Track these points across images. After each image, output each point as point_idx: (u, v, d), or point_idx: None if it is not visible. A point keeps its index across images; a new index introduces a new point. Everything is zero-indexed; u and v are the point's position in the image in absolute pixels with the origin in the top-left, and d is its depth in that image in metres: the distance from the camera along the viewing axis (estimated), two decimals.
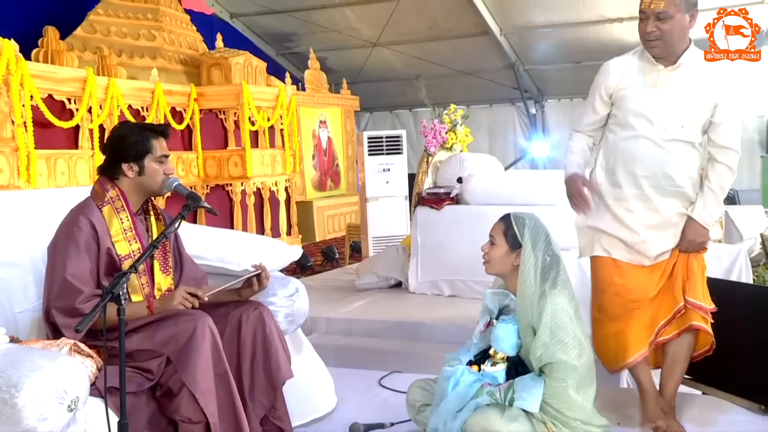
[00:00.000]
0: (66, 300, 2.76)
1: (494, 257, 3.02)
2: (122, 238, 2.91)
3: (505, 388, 2.87)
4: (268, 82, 10.71)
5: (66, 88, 7.81)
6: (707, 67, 3.19)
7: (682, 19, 3.03)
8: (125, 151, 2.93)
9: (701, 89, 3.11)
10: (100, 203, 2.91)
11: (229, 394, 2.82)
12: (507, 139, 15.10)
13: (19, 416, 2.21)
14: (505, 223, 3.04)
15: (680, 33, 3.06)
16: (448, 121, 6.64)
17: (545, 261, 2.93)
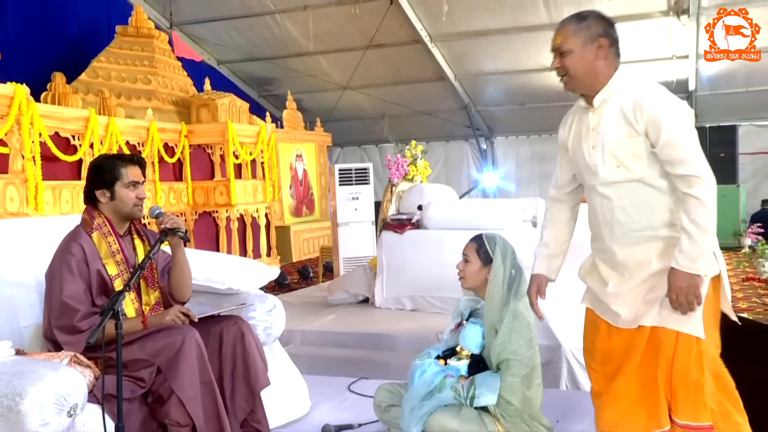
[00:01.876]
0: (65, 319, 2.73)
1: (469, 273, 3.08)
2: (111, 259, 2.89)
3: (467, 384, 2.91)
4: (250, 121, 10.70)
5: (71, 126, 7.74)
6: (634, 93, 2.36)
7: (583, 52, 2.40)
8: (98, 178, 2.92)
9: (628, 118, 2.35)
10: (89, 230, 2.90)
11: (213, 400, 2.79)
12: (461, 171, 15.20)
13: (23, 422, 2.17)
14: (477, 242, 3.11)
15: (585, 67, 2.41)
16: (409, 156, 6.68)
17: (511, 273, 3.01)
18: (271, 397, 3.21)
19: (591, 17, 2.44)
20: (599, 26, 2.42)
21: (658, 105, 2.32)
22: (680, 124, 2.32)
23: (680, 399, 2.29)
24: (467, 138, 14.95)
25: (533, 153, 14.65)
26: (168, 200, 9.34)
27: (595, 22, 2.42)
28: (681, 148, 2.30)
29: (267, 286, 4.76)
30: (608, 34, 2.42)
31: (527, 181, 14.62)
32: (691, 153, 2.31)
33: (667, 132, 2.30)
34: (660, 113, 2.31)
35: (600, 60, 2.41)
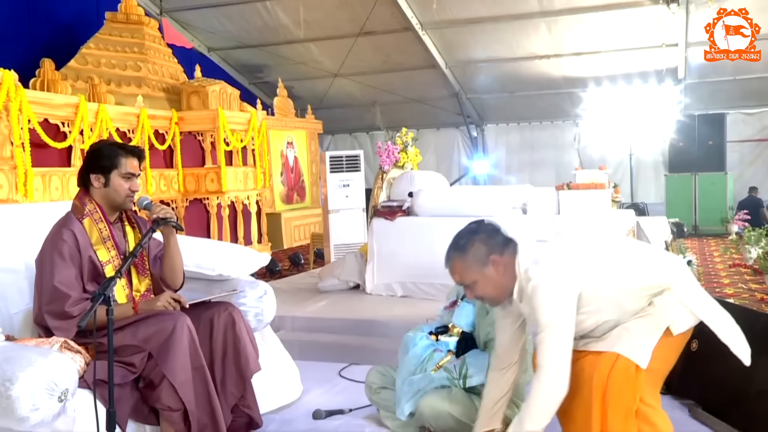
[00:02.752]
0: (56, 305, 2.72)
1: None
2: (102, 246, 2.88)
3: (459, 364, 2.94)
4: (241, 108, 10.64)
5: (60, 113, 7.68)
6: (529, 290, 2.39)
7: (485, 276, 2.42)
8: (96, 163, 2.91)
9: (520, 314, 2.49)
10: (80, 216, 2.88)
11: (204, 385, 2.79)
12: (452, 159, 15.19)
13: (14, 407, 2.17)
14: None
15: (494, 285, 2.44)
16: (400, 143, 6.67)
17: None
18: (262, 382, 3.22)
19: (470, 242, 2.44)
20: (482, 246, 2.43)
21: (539, 302, 2.34)
22: (552, 326, 2.33)
23: (611, 422, 2.35)
24: (458, 125, 14.94)
25: (523, 140, 14.66)
26: (159, 187, 9.29)
27: (476, 245, 2.43)
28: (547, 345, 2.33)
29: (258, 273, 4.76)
30: (494, 246, 2.43)
31: (517, 168, 14.63)
32: (554, 345, 2.32)
33: (542, 328, 2.34)
34: (540, 309, 2.34)
35: (502, 275, 2.43)
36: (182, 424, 2.73)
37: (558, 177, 12.14)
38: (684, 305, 2.38)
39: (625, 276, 2.42)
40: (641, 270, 2.45)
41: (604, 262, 2.46)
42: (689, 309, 2.39)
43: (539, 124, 14.45)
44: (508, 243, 2.46)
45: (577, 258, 2.45)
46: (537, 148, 14.41)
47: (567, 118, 13.69)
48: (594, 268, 2.43)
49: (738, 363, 2.41)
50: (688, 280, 2.46)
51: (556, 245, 2.53)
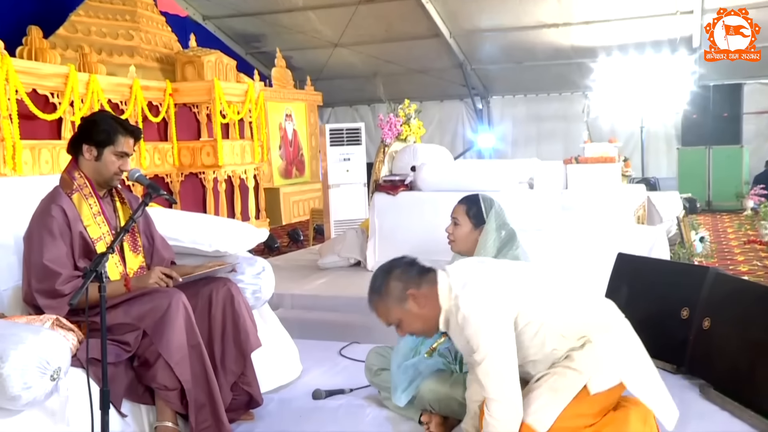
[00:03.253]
0: (46, 283, 2.71)
1: (459, 236, 3.08)
2: (93, 221, 2.87)
3: (453, 347, 2.94)
4: (237, 79, 10.59)
5: (49, 84, 7.64)
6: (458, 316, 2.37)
7: (407, 311, 2.41)
8: (90, 134, 2.88)
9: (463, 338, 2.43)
10: (69, 191, 2.87)
11: (201, 363, 2.80)
12: (456, 132, 15.14)
13: (5, 385, 2.18)
14: (466, 204, 3.10)
15: (419, 319, 2.42)
16: (402, 115, 6.64)
17: (501, 235, 3.00)
18: (261, 361, 3.23)
19: (385, 281, 2.41)
20: (398, 283, 2.40)
21: (473, 332, 2.30)
22: (491, 355, 2.29)
23: None
24: (462, 97, 14.86)
25: (530, 113, 14.59)
26: (153, 161, 9.28)
27: (392, 283, 2.40)
28: (489, 378, 2.31)
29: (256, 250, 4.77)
30: (410, 280, 2.40)
31: (524, 142, 14.59)
32: (497, 378, 2.30)
33: (480, 359, 2.31)
34: (475, 340, 2.30)
35: (424, 307, 2.39)
36: (179, 403, 2.74)
37: (566, 151, 12.09)
38: (606, 362, 2.32)
39: (554, 311, 2.37)
40: (570, 309, 2.40)
41: (537, 290, 2.41)
42: (612, 366, 2.33)
43: (547, 95, 14.36)
44: (425, 274, 2.42)
45: (510, 280, 2.40)
46: (544, 120, 14.35)
47: (576, 89, 13.60)
48: (527, 293, 2.38)
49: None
50: (617, 333, 2.39)
51: (489, 266, 2.47)
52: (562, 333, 2.36)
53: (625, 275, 3.86)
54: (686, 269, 4.03)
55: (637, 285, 3.74)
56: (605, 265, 4.02)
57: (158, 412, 2.78)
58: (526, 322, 2.34)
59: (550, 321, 2.36)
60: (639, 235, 4.92)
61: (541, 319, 2.35)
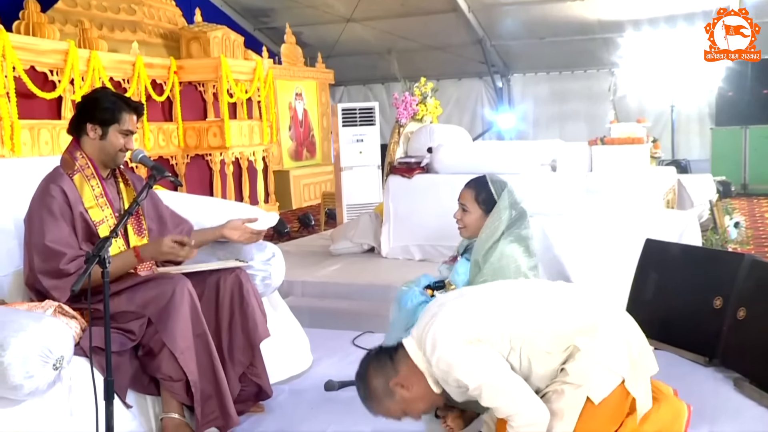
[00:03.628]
0: (50, 264, 2.73)
1: (469, 222, 3.11)
2: (95, 204, 2.88)
3: None
4: (245, 56, 10.58)
5: (48, 60, 7.65)
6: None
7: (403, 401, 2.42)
8: (93, 113, 2.88)
9: None
10: (70, 172, 2.88)
11: (208, 353, 2.82)
12: (475, 112, 15.08)
13: (6, 374, 2.20)
14: (475, 189, 3.11)
15: (417, 400, 2.43)
16: (418, 94, 6.61)
17: (512, 215, 3.04)
18: (270, 351, 3.24)
19: (366, 386, 2.43)
20: (379, 382, 2.40)
21: (456, 371, 2.29)
22: (485, 382, 2.28)
23: None
24: (481, 75, 14.78)
25: (553, 91, 14.49)
26: (157, 142, 9.30)
27: (374, 384, 2.41)
28: (497, 401, 2.31)
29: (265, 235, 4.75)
30: (387, 371, 2.39)
31: (546, 122, 14.50)
32: (504, 402, 2.29)
33: (477, 392, 2.30)
34: (462, 377, 2.29)
35: (414, 387, 2.38)
36: (185, 395, 2.76)
37: (591, 131, 11.99)
38: (601, 366, 2.29)
39: (530, 332, 2.34)
40: (547, 323, 2.37)
41: (507, 316, 2.38)
42: (608, 368, 2.30)
43: (571, 73, 14.25)
44: (396, 354, 2.42)
45: (476, 313, 2.38)
46: (568, 99, 14.25)
47: (602, 66, 13.49)
48: (496, 322, 2.36)
49: None
50: (604, 332, 2.35)
51: (449, 306, 2.43)
52: (545, 350, 2.34)
53: (653, 263, 3.84)
54: (720, 256, 4.00)
55: (667, 273, 3.71)
56: (632, 252, 4.00)
57: (164, 404, 2.81)
58: (508, 351, 2.33)
59: (528, 343, 2.33)
60: (669, 220, 4.89)
61: (518, 345, 2.33)
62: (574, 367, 2.30)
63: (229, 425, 2.86)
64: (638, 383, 2.35)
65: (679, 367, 3.41)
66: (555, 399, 2.31)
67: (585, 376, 2.28)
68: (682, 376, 3.24)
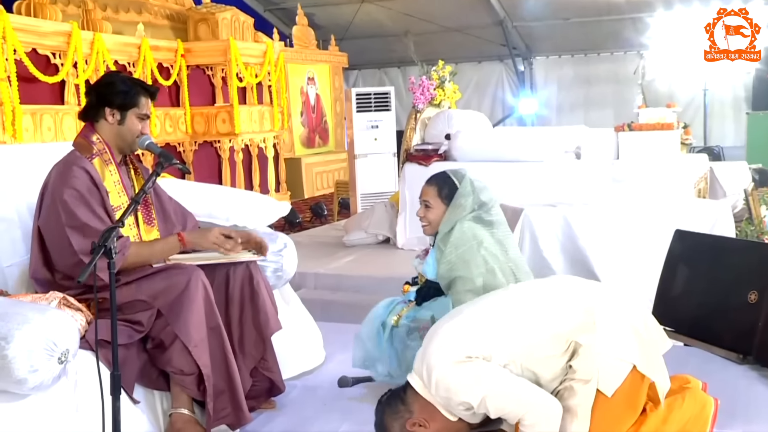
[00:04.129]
0: (90, 240, 2.62)
1: (433, 218, 3.15)
2: (113, 189, 2.90)
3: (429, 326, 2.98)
4: (255, 38, 10.59)
5: (50, 42, 7.69)
6: None
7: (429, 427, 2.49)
8: (111, 97, 2.90)
9: None
10: (89, 155, 2.88)
11: (221, 346, 2.84)
12: (495, 96, 15.05)
13: (10, 368, 2.22)
14: (437, 185, 3.16)
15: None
16: (436, 78, 6.61)
17: (475, 202, 3.07)
18: (282, 346, 3.26)
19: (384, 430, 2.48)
20: (395, 426, 2.45)
21: (461, 394, 2.32)
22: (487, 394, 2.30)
23: None
24: (502, 58, 14.73)
25: (578, 75, 14.43)
26: (164, 128, 9.35)
27: (390, 429, 2.46)
28: (504, 407, 2.33)
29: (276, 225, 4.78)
30: (400, 415, 2.44)
31: (570, 107, 14.44)
32: (511, 406, 2.33)
33: (482, 407, 2.33)
34: (466, 398, 2.32)
35: (432, 423, 2.41)
36: (196, 389, 2.78)
37: (618, 117, 11.95)
38: (607, 356, 2.31)
39: (526, 340, 2.37)
40: (543, 328, 2.38)
41: (500, 328, 2.41)
42: (615, 357, 2.32)
43: (597, 55, 14.17)
44: (405, 394, 2.46)
45: (468, 330, 2.41)
46: (594, 83, 14.17)
47: (630, 48, 13.40)
48: (491, 337, 2.38)
49: None
50: (604, 323, 2.36)
51: (442, 329, 2.46)
52: (546, 354, 2.36)
53: (683, 255, 3.81)
54: (755, 248, 3.97)
55: (698, 266, 3.69)
56: (661, 244, 3.98)
57: (173, 399, 2.83)
58: (504, 365, 2.35)
59: (528, 352, 2.36)
60: (700, 210, 4.86)
61: (518, 355, 2.35)
62: (580, 363, 2.33)
63: (241, 422, 2.88)
64: (651, 364, 2.37)
65: (710, 365, 3.39)
66: (567, 397, 2.34)
67: (592, 370, 2.31)
68: (713, 374, 3.22)
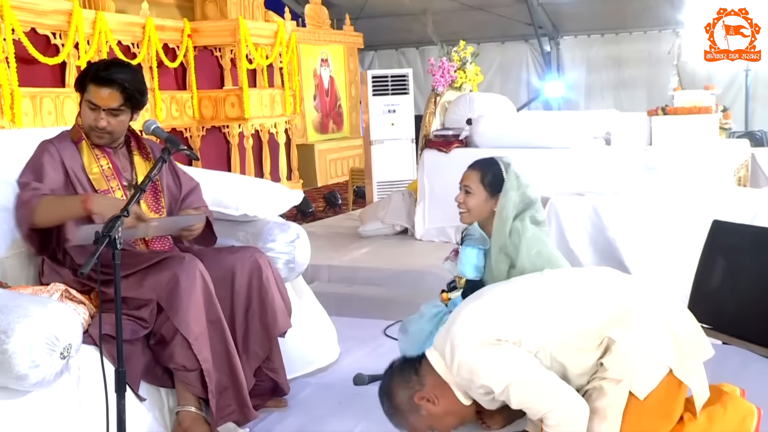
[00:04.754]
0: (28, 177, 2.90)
1: (473, 206, 3.13)
2: (99, 174, 2.96)
3: None
4: (266, 18, 10.59)
5: (50, 22, 7.71)
6: None
7: (430, 416, 2.48)
8: (77, 82, 2.98)
9: None
10: (77, 138, 2.98)
11: (223, 341, 2.85)
12: (519, 79, 14.97)
13: (11, 363, 2.24)
14: (481, 170, 3.15)
15: (445, 416, 2.51)
16: (457, 59, 6.59)
17: (523, 198, 3.04)
18: (294, 342, 3.27)
19: (390, 401, 2.48)
20: (403, 395, 2.44)
21: (483, 376, 2.31)
22: (513, 381, 2.29)
23: None
24: (527, 38, 14.66)
25: (608, 55, 14.32)
26: (170, 112, 9.38)
27: (398, 398, 2.46)
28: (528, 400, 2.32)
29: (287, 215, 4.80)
30: (411, 386, 2.43)
31: (600, 90, 14.35)
32: (537, 399, 2.30)
33: (505, 394, 2.31)
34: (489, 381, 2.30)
35: (441, 400, 2.42)
36: (200, 386, 2.80)
37: (651, 100, 11.84)
38: (642, 356, 2.26)
39: (558, 329, 2.35)
40: (576, 318, 2.36)
41: (533, 315, 2.39)
42: (650, 358, 2.27)
43: (629, 34, 14.06)
44: (420, 366, 2.45)
45: (499, 313, 2.40)
46: (625, 64, 14.07)
47: (665, 26, 13.29)
48: (522, 322, 2.36)
49: None
50: (639, 320, 2.32)
51: (470, 308, 2.45)
52: (576, 347, 2.34)
53: (722, 247, 3.78)
54: None
55: (738, 258, 3.66)
56: (697, 235, 3.94)
57: (179, 396, 2.85)
58: (534, 352, 2.33)
59: (556, 341, 2.34)
60: (740, 199, 4.83)
61: (545, 344, 2.33)
62: (612, 361, 2.29)
63: (247, 419, 2.90)
64: (689, 370, 2.32)
65: (751, 364, 3.37)
66: (596, 397, 2.31)
67: (625, 370, 2.27)
68: (754, 375, 3.22)
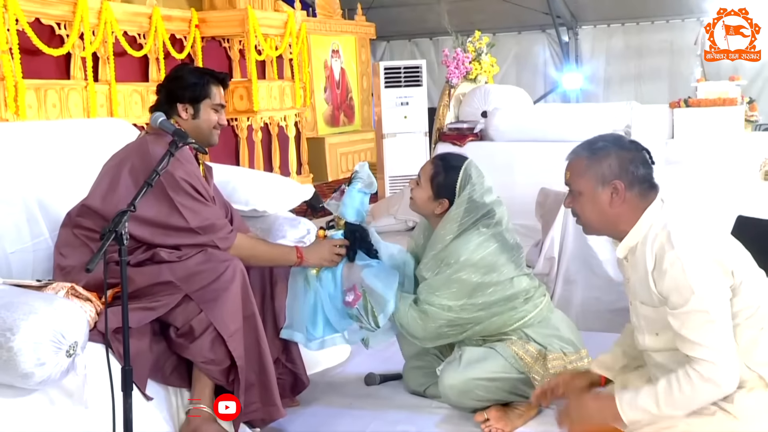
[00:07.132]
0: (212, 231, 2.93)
1: (417, 198, 3.13)
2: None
3: (362, 306, 3.03)
4: (275, 7, 10.60)
5: (54, 12, 7.73)
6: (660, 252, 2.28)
7: (596, 196, 2.38)
8: (181, 92, 3.02)
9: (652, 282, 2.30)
10: (193, 152, 3.06)
11: (255, 336, 2.90)
12: (536, 70, 14.94)
13: (16, 361, 2.25)
14: (435, 168, 3.11)
15: (599, 213, 2.39)
16: (472, 50, 6.59)
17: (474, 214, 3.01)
18: None
19: (606, 150, 2.37)
20: (615, 162, 2.36)
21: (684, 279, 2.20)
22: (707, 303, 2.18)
23: None
24: (544, 28, 14.63)
25: (628, 46, 14.27)
26: None
27: (611, 158, 2.36)
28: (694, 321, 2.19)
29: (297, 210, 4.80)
30: (629, 173, 2.35)
31: (620, 81, 14.30)
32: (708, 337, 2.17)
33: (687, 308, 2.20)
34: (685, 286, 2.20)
35: (615, 208, 2.36)
36: (225, 379, 2.85)
37: (673, 92, 11.80)
38: None
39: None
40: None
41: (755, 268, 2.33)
42: None
43: (650, 24, 14.01)
44: (645, 183, 2.36)
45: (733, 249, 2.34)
46: (646, 55, 14.02)
47: (688, 14, 13.24)
48: (747, 268, 2.29)
49: None
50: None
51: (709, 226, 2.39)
52: (761, 326, 2.24)
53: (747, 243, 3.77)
54: None
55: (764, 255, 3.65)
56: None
57: (194, 391, 2.87)
58: (742, 306, 2.24)
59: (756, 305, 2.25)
60: (766, 194, 4.81)
61: (760, 303, 2.25)
62: (745, 399, 2.18)
63: (273, 416, 2.95)
64: None
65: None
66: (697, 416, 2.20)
67: (750, 415, 2.17)
68: None
